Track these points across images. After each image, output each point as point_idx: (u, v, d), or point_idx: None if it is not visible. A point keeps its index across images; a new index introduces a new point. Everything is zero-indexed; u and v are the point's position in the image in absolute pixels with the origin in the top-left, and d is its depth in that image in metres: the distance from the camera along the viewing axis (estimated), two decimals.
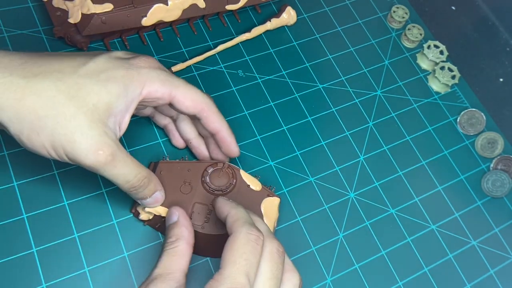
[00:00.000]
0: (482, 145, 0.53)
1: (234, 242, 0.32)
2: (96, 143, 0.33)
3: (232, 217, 0.34)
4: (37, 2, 0.49)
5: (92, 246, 0.40)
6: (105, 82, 0.34)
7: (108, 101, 0.33)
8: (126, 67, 0.35)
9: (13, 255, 0.39)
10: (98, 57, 0.35)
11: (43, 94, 0.32)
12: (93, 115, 0.33)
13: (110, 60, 0.35)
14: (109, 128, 0.33)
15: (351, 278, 0.44)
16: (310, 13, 0.57)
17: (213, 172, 0.41)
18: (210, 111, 0.39)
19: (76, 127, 0.32)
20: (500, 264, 0.48)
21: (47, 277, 0.39)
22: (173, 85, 0.37)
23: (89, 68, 0.34)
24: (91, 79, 0.33)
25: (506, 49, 0.60)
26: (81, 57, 0.35)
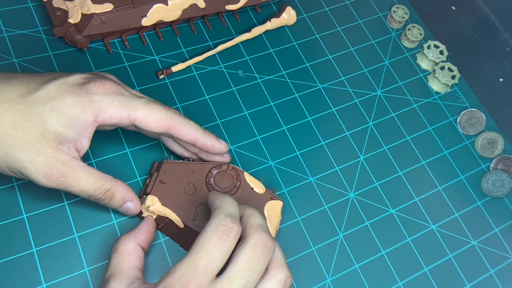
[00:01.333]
0: (482, 145, 0.53)
1: (203, 231, 0.32)
2: (44, 168, 0.34)
3: (214, 207, 0.34)
4: (37, 2, 0.49)
5: (92, 246, 0.40)
6: (51, 112, 0.34)
7: (55, 131, 0.34)
8: (78, 94, 0.35)
9: (13, 255, 0.39)
10: (50, 84, 0.35)
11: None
12: (41, 143, 0.34)
13: (62, 86, 0.35)
14: (61, 152, 0.34)
15: (351, 278, 0.44)
16: (310, 13, 0.57)
17: (218, 174, 0.41)
18: (178, 125, 0.39)
19: (24, 156, 0.34)
20: (500, 264, 0.48)
21: (47, 277, 0.39)
22: (131, 109, 0.37)
23: (38, 96, 0.34)
24: (38, 108, 0.34)
25: (506, 49, 0.60)
26: (34, 83, 0.35)
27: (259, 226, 0.34)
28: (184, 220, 0.39)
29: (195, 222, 0.39)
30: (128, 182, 0.43)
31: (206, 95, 0.49)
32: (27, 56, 0.46)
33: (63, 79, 0.36)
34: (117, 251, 0.37)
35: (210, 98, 0.49)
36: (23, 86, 0.35)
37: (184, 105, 0.48)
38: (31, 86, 0.35)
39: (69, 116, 0.35)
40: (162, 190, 0.40)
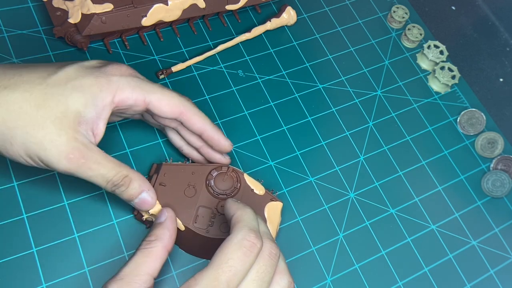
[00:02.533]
0: (482, 145, 0.53)
1: (226, 244, 0.32)
2: (66, 148, 0.33)
3: (235, 218, 0.33)
4: (37, 2, 0.49)
5: (92, 246, 0.40)
6: (72, 91, 0.34)
7: (75, 110, 0.34)
8: (96, 75, 0.36)
9: (13, 255, 0.39)
10: (68, 67, 0.35)
11: (11, 106, 0.33)
12: (62, 123, 0.33)
13: (80, 69, 0.36)
14: (80, 134, 0.34)
15: (351, 278, 0.44)
16: (310, 13, 0.57)
17: (218, 176, 0.41)
18: (190, 113, 0.39)
19: (45, 136, 0.33)
20: (500, 264, 0.48)
21: (47, 277, 0.39)
22: (146, 91, 0.37)
23: (58, 77, 0.34)
24: (58, 88, 0.34)
25: (506, 49, 0.60)
26: (52, 67, 0.35)
27: (264, 234, 0.33)
28: (185, 222, 0.39)
29: (195, 224, 0.39)
30: (152, 143, 0.44)
31: (206, 95, 0.49)
32: (27, 56, 0.46)
33: (81, 63, 0.36)
34: (149, 251, 0.35)
35: (210, 98, 0.49)
36: (42, 70, 0.35)
37: None
38: (50, 69, 0.35)
39: (89, 95, 0.35)
40: (162, 192, 0.40)
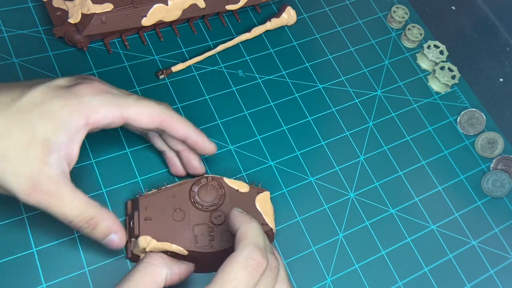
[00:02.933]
0: (482, 145, 0.53)
1: (231, 262, 0.30)
2: (27, 182, 0.31)
3: (240, 235, 0.32)
4: (37, 2, 0.49)
5: (92, 247, 0.40)
6: (39, 117, 0.32)
7: (43, 138, 0.32)
8: (65, 97, 0.33)
9: (13, 255, 0.39)
10: (34, 89, 0.33)
11: None
12: (27, 153, 0.31)
13: (48, 91, 0.33)
14: (49, 165, 0.32)
15: (351, 278, 0.44)
16: (310, 13, 0.57)
17: (200, 189, 0.40)
18: (171, 120, 0.37)
19: (6, 167, 0.31)
20: (500, 264, 0.48)
21: (47, 277, 0.38)
22: (123, 106, 0.35)
23: (23, 102, 0.32)
24: (23, 115, 0.31)
25: (506, 49, 0.60)
26: (16, 90, 0.32)
27: (266, 248, 0.32)
28: (187, 246, 0.38)
29: (197, 244, 0.38)
30: (128, 182, 0.43)
31: (206, 95, 0.49)
32: (27, 56, 0.46)
33: (47, 84, 0.33)
34: (145, 271, 0.34)
35: (210, 98, 0.49)
36: (5, 94, 0.32)
37: (184, 105, 0.48)
38: (14, 93, 0.32)
39: (58, 120, 0.32)
40: (151, 227, 0.38)
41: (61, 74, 0.46)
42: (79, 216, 0.33)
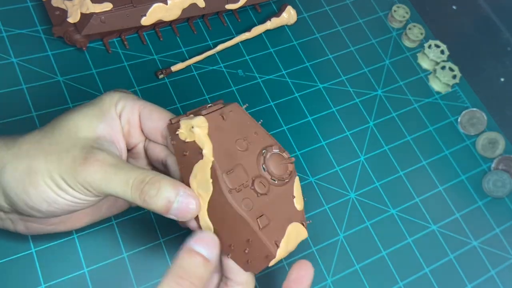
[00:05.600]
0: (483, 145, 0.53)
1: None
2: (79, 158, 0.31)
3: None
4: (36, 2, 0.49)
5: (92, 247, 0.40)
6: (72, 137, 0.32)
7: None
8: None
9: (13, 255, 0.39)
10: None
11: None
12: (68, 151, 0.31)
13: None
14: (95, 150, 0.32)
15: (352, 278, 0.44)
16: (310, 12, 0.57)
17: (276, 155, 0.34)
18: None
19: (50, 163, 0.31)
20: (501, 265, 0.48)
21: (46, 278, 0.38)
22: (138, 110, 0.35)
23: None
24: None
25: (507, 49, 0.60)
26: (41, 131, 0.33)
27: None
28: (217, 166, 0.32)
29: (225, 176, 0.32)
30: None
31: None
32: (26, 55, 0.46)
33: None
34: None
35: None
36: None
37: (183, 105, 0.48)
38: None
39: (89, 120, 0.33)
40: (217, 123, 0.33)
41: (60, 73, 0.46)
42: (139, 175, 0.31)
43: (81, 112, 0.33)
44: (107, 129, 0.33)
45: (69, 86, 0.46)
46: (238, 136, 0.33)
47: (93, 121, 0.33)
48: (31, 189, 0.31)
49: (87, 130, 0.32)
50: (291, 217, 0.34)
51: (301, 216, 0.35)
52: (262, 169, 0.34)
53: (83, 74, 0.47)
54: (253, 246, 0.32)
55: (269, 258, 0.32)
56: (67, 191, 0.31)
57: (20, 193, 0.31)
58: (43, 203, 0.31)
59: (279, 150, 0.35)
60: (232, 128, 0.33)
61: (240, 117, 0.34)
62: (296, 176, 0.35)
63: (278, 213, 0.33)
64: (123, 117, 0.34)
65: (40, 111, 0.44)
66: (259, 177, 0.33)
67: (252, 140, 0.34)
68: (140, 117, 0.35)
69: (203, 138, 0.32)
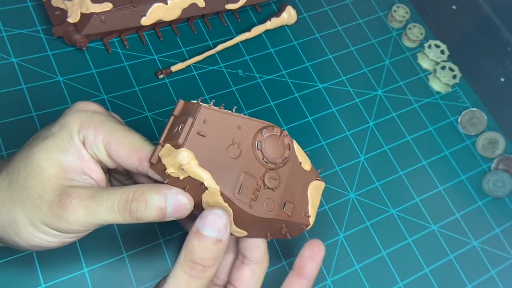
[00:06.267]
0: (483, 145, 0.53)
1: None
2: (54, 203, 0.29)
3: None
4: (36, 1, 0.49)
5: (92, 247, 0.40)
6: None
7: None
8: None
9: (13, 255, 0.39)
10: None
11: None
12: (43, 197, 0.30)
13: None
14: (68, 179, 0.30)
15: (352, 278, 0.44)
16: (310, 12, 0.57)
17: (269, 138, 0.32)
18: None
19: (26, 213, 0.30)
20: (501, 265, 0.48)
21: (46, 278, 0.38)
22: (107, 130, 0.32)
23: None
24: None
25: (507, 49, 0.60)
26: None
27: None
28: (226, 190, 0.30)
29: (239, 195, 0.30)
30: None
31: (206, 94, 0.49)
32: (26, 55, 0.46)
33: None
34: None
35: (210, 98, 0.49)
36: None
37: None
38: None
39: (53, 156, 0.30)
40: (199, 145, 0.30)
41: (60, 73, 0.46)
42: (121, 194, 0.29)
43: (42, 145, 0.30)
44: (74, 161, 0.31)
45: (69, 86, 0.46)
46: (226, 144, 0.31)
47: (56, 154, 0.30)
48: (16, 238, 0.30)
49: (52, 167, 0.30)
50: (307, 180, 0.34)
51: (313, 173, 0.34)
52: (265, 163, 0.32)
53: (83, 74, 0.47)
54: (288, 227, 0.33)
55: (305, 227, 0.34)
56: (54, 235, 0.30)
57: (8, 240, 0.31)
58: (34, 247, 0.31)
59: (268, 130, 0.33)
60: (215, 139, 0.31)
61: (216, 122, 0.31)
62: (293, 142, 0.34)
63: (295, 187, 0.33)
64: (88, 148, 0.31)
65: (40, 111, 0.44)
66: (266, 173, 0.32)
67: (239, 138, 0.32)
68: (108, 152, 0.32)
69: (198, 171, 0.30)
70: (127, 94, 0.47)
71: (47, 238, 0.30)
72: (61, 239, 0.31)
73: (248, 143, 0.32)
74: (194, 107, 0.31)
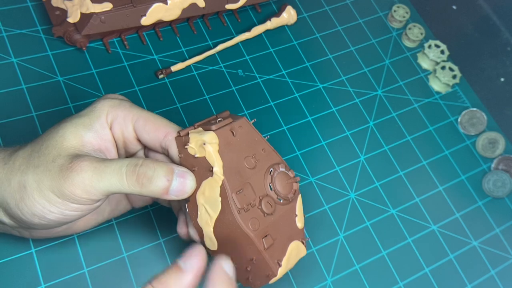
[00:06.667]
0: (483, 145, 0.53)
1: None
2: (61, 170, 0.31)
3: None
4: (36, 1, 0.49)
5: (92, 247, 0.40)
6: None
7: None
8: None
9: (13, 255, 0.39)
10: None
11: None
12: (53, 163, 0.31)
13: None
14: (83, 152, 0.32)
15: (352, 278, 0.44)
16: (310, 12, 0.57)
17: (282, 174, 0.35)
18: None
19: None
20: (501, 265, 0.48)
21: (46, 278, 0.38)
22: (132, 110, 0.34)
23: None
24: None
25: (507, 49, 0.60)
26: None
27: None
28: (227, 185, 0.32)
29: (235, 196, 0.32)
30: None
31: (206, 94, 0.49)
32: (26, 55, 0.46)
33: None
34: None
35: (210, 98, 0.49)
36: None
37: (183, 105, 0.48)
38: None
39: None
40: (227, 139, 0.33)
41: (60, 73, 0.46)
42: (130, 161, 0.31)
43: (70, 122, 0.33)
44: (94, 138, 0.33)
45: (69, 86, 0.46)
46: (247, 153, 0.33)
47: (80, 129, 0.32)
48: (21, 204, 0.31)
49: (73, 139, 0.32)
50: (293, 236, 0.34)
51: (302, 234, 0.35)
52: (269, 188, 0.34)
53: (83, 74, 0.47)
54: (256, 265, 0.33)
55: (270, 277, 0.33)
56: (56, 203, 0.31)
57: (13, 207, 0.31)
58: (34, 218, 0.31)
59: (285, 168, 0.35)
60: (241, 144, 0.33)
61: (248, 133, 0.34)
62: (299, 195, 0.36)
63: (281, 232, 0.34)
64: (116, 128, 0.34)
65: (40, 111, 0.44)
66: (266, 197, 0.34)
67: (260, 157, 0.34)
68: (135, 129, 0.34)
69: (214, 155, 0.32)
70: (127, 94, 0.47)
71: (49, 206, 0.31)
72: (61, 209, 0.31)
73: (265, 165, 0.34)
74: (237, 116, 0.35)
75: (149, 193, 0.31)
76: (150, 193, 0.31)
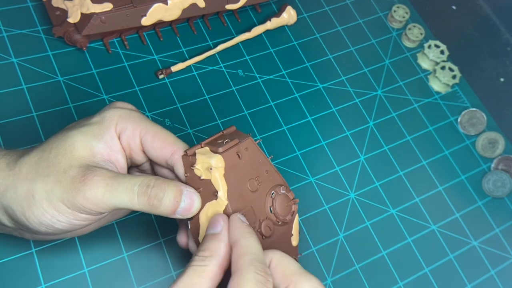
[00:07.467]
0: (483, 145, 0.53)
1: (240, 284, 0.28)
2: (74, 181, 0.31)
3: (240, 249, 0.30)
4: (37, 2, 0.49)
5: (92, 247, 0.40)
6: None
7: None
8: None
9: (13, 255, 0.39)
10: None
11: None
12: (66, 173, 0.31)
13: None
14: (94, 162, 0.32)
15: (352, 278, 0.44)
16: (310, 12, 0.57)
17: (283, 197, 0.36)
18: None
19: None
20: (501, 265, 0.48)
21: (46, 278, 0.38)
22: (142, 123, 0.34)
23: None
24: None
25: (507, 49, 0.60)
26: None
27: (301, 271, 0.31)
28: (230, 210, 0.33)
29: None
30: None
31: (206, 95, 0.49)
32: (26, 55, 0.46)
33: None
34: (202, 269, 0.29)
35: (210, 98, 0.49)
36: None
37: (184, 105, 0.48)
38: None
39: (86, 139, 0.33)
40: (232, 162, 0.33)
41: (60, 73, 0.46)
42: (143, 180, 0.31)
43: (79, 130, 0.33)
44: (104, 149, 0.33)
45: (69, 86, 0.46)
46: (250, 176, 0.34)
47: (90, 139, 0.32)
48: (28, 213, 0.31)
49: (83, 149, 0.32)
50: (287, 253, 0.34)
51: (295, 252, 0.36)
52: (269, 211, 0.35)
53: (83, 74, 0.47)
54: None
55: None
56: (65, 213, 0.31)
57: (19, 215, 0.31)
58: (41, 226, 0.31)
59: (285, 190, 0.36)
60: (246, 167, 0.34)
61: (254, 155, 0.35)
62: (296, 215, 0.36)
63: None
64: (123, 140, 0.34)
65: (40, 111, 0.44)
66: (265, 220, 0.34)
67: (263, 179, 0.35)
68: (142, 143, 0.34)
69: (220, 180, 0.32)
70: (127, 94, 0.47)
71: (58, 216, 0.31)
72: (70, 219, 0.31)
73: (267, 187, 0.35)
74: (243, 135, 0.35)
75: (157, 213, 0.32)
76: (158, 213, 0.32)
